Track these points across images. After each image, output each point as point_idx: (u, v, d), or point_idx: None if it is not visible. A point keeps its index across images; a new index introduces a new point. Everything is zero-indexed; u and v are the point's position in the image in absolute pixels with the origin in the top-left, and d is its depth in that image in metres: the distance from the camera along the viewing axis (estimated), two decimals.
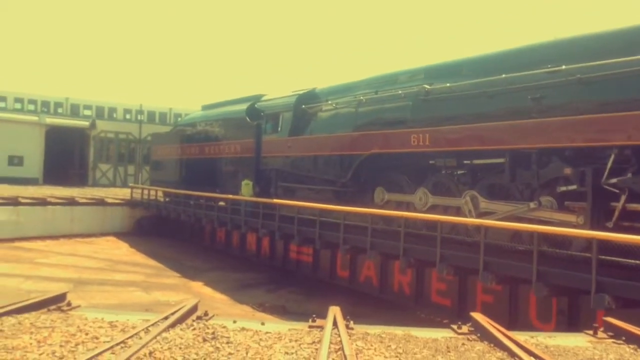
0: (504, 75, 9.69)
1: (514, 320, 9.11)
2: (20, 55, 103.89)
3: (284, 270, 15.85)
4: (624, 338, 5.66)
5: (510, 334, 5.53)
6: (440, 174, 11.58)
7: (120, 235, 22.62)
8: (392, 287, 11.89)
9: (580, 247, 8.40)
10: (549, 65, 9.09)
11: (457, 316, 9.51)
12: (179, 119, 36.70)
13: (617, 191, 7.99)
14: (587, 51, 8.78)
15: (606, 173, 8.09)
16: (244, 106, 18.65)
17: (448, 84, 10.85)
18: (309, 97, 15.58)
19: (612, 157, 8.03)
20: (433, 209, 11.38)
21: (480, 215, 10.18)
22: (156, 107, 47.36)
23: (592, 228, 7.96)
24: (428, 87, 11.29)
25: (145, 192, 24.10)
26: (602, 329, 6.00)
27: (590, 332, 5.97)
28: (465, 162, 10.86)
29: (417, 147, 11.19)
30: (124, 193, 25.80)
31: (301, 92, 16.02)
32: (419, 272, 11.00)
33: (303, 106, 15.34)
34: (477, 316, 6.00)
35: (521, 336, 5.66)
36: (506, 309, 9.25)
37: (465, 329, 5.87)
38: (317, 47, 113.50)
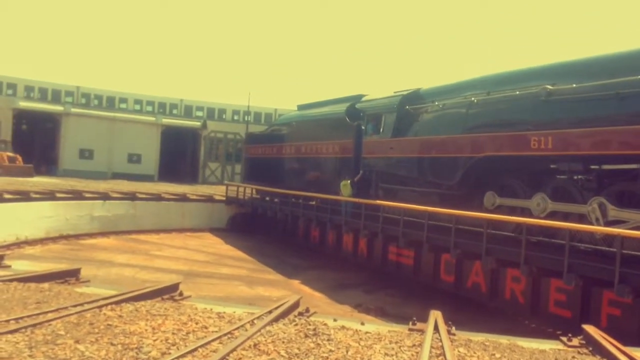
0: (638, 77, 9.06)
1: None
2: (141, 59, 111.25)
3: (382, 271, 15.74)
4: None
5: (627, 349, 5.19)
6: (560, 179, 11.03)
7: (218, 230, 23.60)
8: (503, 294, 11.44)
9: None
10: None
11: (579, 329, 9.00)
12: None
13: None
14: None
15: None
16: (343, 106, 18.62)
17: (574, 85, 10.27)
18: (413, 98, 15.27)
19: None
20: (551, 216, 10.83)
21: (609, 224, 9.58)
22: (262, 108, 48.85)
23: None
24: (550, 87, 10.75)
25: (241, 189, 24.69)
26: None
27: None
28: (592, 167, 10.26)
29: (538, 150, 10.66)
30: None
31: (405, 92, 15.72)
32: (535, 280, 10.51)
33: (407, 107, 15.06)
34: (590, 329, 5.69)
35: (638, 352, 5.30)
36: (636, 323, 8.67)
37: (576, 341, 5.60)
38: (417, 48, 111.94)
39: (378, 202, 14.78)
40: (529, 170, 11.67)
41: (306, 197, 18.87)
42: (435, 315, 6.06)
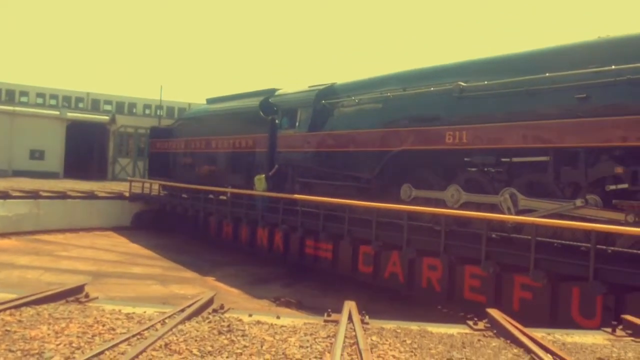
0: (547, 74, 9.68)
1: (555, 316, 9.12)
2: (42, 50, 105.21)
3: (299, 265, 15.81)
4: None
5: (527, 330, 5.49)
6: (472, 171, 11.56)
7: (128, 229, 22.80)
8: (419, 283, 11.82)
9: (627, 245, 8.62)
10: (594, 65, 9.11)
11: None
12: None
13: None
14: (635, 51, 8.81)
15: None
16: (256, 100, 18.46)
17: (486, 82, 10.81)
18: (329, 93, 15.45)
19: None
20: (464, 206, 11.40)
21: (519, 212, 10.23)
22: (175, 102, 47.65)
23: None
24: (463, 84, 11.23)
25: (147, 186, 23.96)
26: (621, 326, 5.92)
27: (609, 329, 5.89)
28: (503, 160, 10.84)
29: (453, 144, 11.17)
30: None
31: (320, 87, 15.87)
32: (450, 268, 10.97)
33: (323, 101, 15.22)
34: (493, 312, 5.97)
35: (538, 333, 5.62)
36: (547, 306, 9.23)
37: (481, 325, 5.85)
38: (319, 44, 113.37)
39: (297, 196, 14.81)
40: (443, 163, 12.14)
41: (218, 192, 18.61)
42: (350, 305, 6.13)
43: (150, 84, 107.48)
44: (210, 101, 23.42)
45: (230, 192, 18.03)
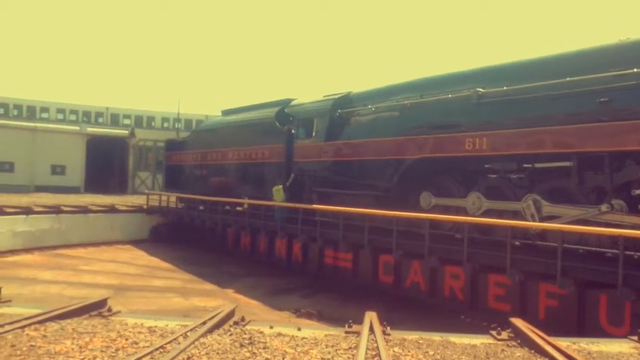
0: (568, 78, 9.59)
1: (582, 325, 9.01)
2: (62, 66, 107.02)
3: (319, 276, 15.75)
4: None
5: (552, 339, 5.41)
6: (494, 178, 11.50)
7: (149, 242, 23.00)
8: (442, 292, 11.72)
9: None
10: (615, 69, 9.02)
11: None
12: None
13: None
14: None
15: None
16: (272, 111, 18.47)
17: (505, 87, 10.72)
18: (345, 102, 15.44)
19: None
20: (486, 214, 11.32)
21: (543, 219, 10.12)
22: (193, 115, 48.06)
23: None
24: (482, 90, 11.17)
25: (164, 198, 23.95)
26: None
27: (635, 337, 5.80)
28: (525, 165, 10.76)
29: (473, 151, 11.07)
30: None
31: (336, 96, 15.86)
32: (473, 276, 10.85)
33: (339, 111, 15.21)
34: (517, 322, 5.90)
35: (563, 342, 5.54)
36: (574, 314, 9.12)
37: (505, 334, 5.78)
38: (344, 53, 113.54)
39: (315, 206, 14.78)
40: (463, 170, 12.07)
41: (236, 203, 18.59)
42: (370, 316, 6.10)
43: (168, 97, 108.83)
44: (225, 113, 23.47)
45: (249, 204, 18.04)
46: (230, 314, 6.34)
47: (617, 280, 7.99)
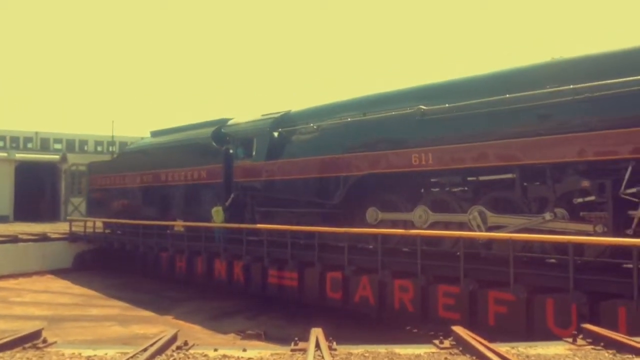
0: (507, 95, 10.11)
1: (531, 329, 9.35)
2: None
3: (263, 296, 15.57)
4: (602, 344, 5.78)
5: (493, 345, 5.55)
6: (439, 191, 11.88)
7: (82, 270, 21.95)
8: (392, 305, 11.86)
9: (595, 254, 9.09)
10: (550, 85, 9.61)
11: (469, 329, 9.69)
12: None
13: (636, 200, 8.61)
14: (589, 71, 9.41)
15: (624, 184, 8.67)
16: (207, 131, 18.21)
17: (447, 105, 11.14)
18: (285, 120, 15.50)
19: (630, 169, 8.61)
20: (432, 226, 11.68)
21: (489, 229, 10.58)
22: (128, 138, 46.82)
23: (614, 235, 8.60)
24: (424, 107, 11.53)
25: (89, 224, 22.89)
26: (581, 335, 6.04)
27: (570, 339, 6.00)
28: (470, 179, 11.23)
29: (419, 166, 11.44)
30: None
31: (275, 115, 15.89)
32: (423, 288, 11.07)
33: (280, 129, 15.26)
34: (458, 330, 6.02)
35: (503, 347, 5.69)
36: (523, 319, 9.46)
37: (447, 343, 5.90)
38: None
39: (261, 225, 14.69)
40: (409, 185, 12.41)
41: (171, 226, 18.22)
42: (317, 332, 6.06)
43: (101, 120, 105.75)
44: (155, 134, 22.82)
45: (187, 226, 17.67)
46: (173, 339, 6.14)
47: (567, 285, 8.50)
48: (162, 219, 19.14)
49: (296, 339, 6.00)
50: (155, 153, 20.93)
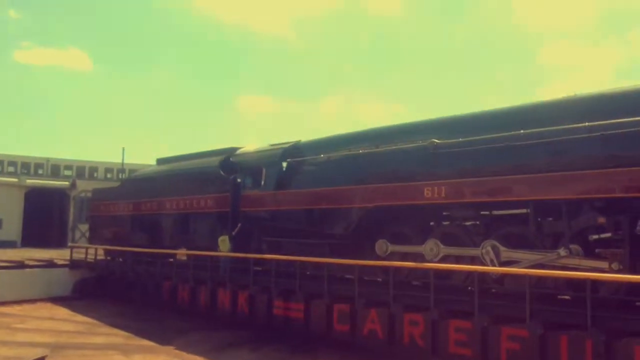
0: (522, 131, 10.20)
1: None
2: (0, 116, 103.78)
3: (269, 327, 15.28)
4: None
5: None
6: (450, 225, 11.88)
7: (86, 298, 21.65)
8: (401, 339, 11.67)
9: (611, 291, 9.06)
10: (566, 122, 9.69)
11: None
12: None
13: None
14: (605, 108, 9.50)
15: None
16: (215, 159, 18.19)
17: (460, 139, 11.23)
18: (295, 151, 15.55)
19: None
20: (442, 260, 11.61)
21: (502, 264, 10.52)
22: (138, 165, 47.10)
23: (631, 273, 8.54)
24: (437, 141, 11.59)
25: (91, 252, 22.61)
26: None
27: None
28: (483, 213, 11.24)
29: (432, 199, 11.42)
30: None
31: (285, 145, 15.96)
32: (433, 322, 10.92)
33: (289, 160, 15.29)
34: None
35: None
36: (536, 356, 9.31)
37: None
38: None
39: (270, 256, 14.55)
40: (420, 218, 12.40)
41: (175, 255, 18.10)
42: None
43: (112, 147, 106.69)
44: (161, 161, 22.74)
45: (193, 255, 17.52)
46: None
47: (582, 322, 8.42)
48: (166, 247, 18.96)
49: None
50: (162, 181, 20.82)
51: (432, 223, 12.31)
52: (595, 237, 9.30)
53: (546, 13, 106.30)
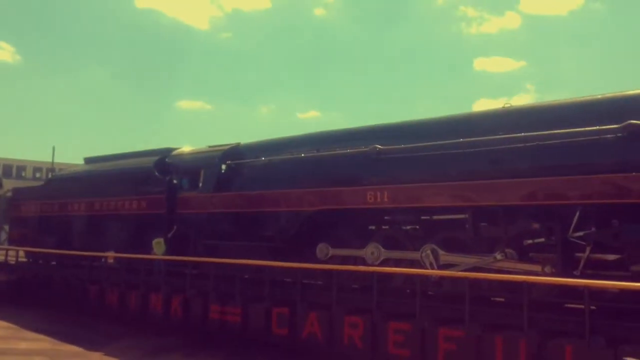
0: (461, 140, 10.62)
1: None
2: None
3: (204, 331, 15.02)
4: None
5: None
6: (391, 229, 12.15)
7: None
8: (340, 341, 11.73)
9: (543, 293, 9.57)
10: (502, 132, 10.20)
11: None
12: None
13: (582, 243, 9.10)
14: (537, 120, 10.10)
15: (572, 227, 9.17)
16: (150, 160, 17.75)
17: (402, 145, 11.56)
18: (235, 153, 15.43)
19: (578, 213, 9.16)
20: (383, 263, 11.86)
21: (440, 267, 10.88)
22: (69, 165, 45.07)
23: (562, 276, 9.03)
24: (379, 147, 11.84)
25: (12, 253, 21.56)
26: None
27: None
28: (423, 217, 11.54)
29: (374, 203, 11.64)
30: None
31: (224, 147, 15.79)
32: (373, 324, 11.08)
33: (229, 162, 15.15)
34: None
35: None
36: (472, 356, 9.59)
37: None
38: None
39: (209, 259, 14.27)
40: (361, 222, 12.61)
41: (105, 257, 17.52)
42: None
43: (42, 146, 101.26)
44: (89, 160, 21.90)
45: (125, 258, 16.98)
46: None
47: (521, 322, 8.79)
48: (95, 249, 18.18)
49: None
50: (90, 181, 20.01)
51: (373, 227, 12.53)
52: (530, 241, 9.77)
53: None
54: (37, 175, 45.88)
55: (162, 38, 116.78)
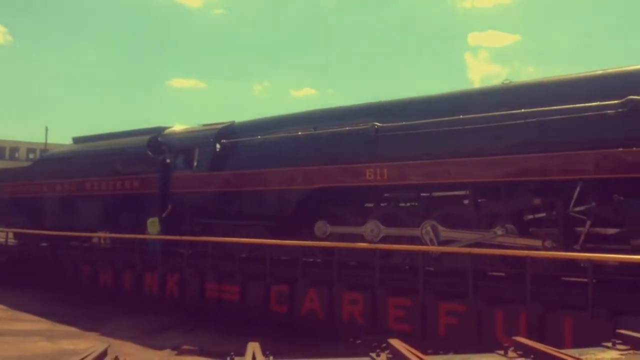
0: (461, 116, 10.62)
1: (481, 338, 9.62)
2: None
3: (201, 310, 15.05)
4: (532, 356, 5.89)
5: (428, 357, 5.61)
6: (390, 206, 12.16)
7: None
8: (340, 317, 11.84)
9: (542, 267, 9.61)
10: (503, 108, 10.20)
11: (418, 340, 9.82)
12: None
13: (583, 217, 9.21)
14: (537, 96, 10.12)
15: (573, 202, 9.29)
16: (142, 139, 17.49)
17: (403, 122, 11.49)
18: (229, 132, 15.30)
19: (578, 188, 9.24)
20: (382, 240, 11.89)
21: (441, 243, 10.96)
22: (63, 145, 44.49)
23: (563, 250, 9.19)
24: (378, 124, 11.80)
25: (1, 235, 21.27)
26: (512, 348, 6.22)
27: (502, 352, 6.18)
28: (423, 194, 11.59)
29: (374, 181, 11.66)
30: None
31: (219, 125, 15.65)
32: (373, 300, 11.18)
33: (224, 140, 15.02)
34: (395, 342, 6.04)
35: (440, 359, 5.78)
36: (473, 329, 9.73)
37: (383, 356, 5.88)
38: None
39: (206, 238, 14.25)
40: (360, 199, 12.62)
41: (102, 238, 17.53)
42: (253, 347, 5.92)
43: (35, 126, 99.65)
44: (78, 140, 21.54)
45: (119, 238, 16.89)
46: (102, 354, 5.76)
47: (524, 296, 8.91)
48: (88, 229, 18.12)
49: (232, 353, 5.82)
50: (80, 161, 19.70)
51: (371, 205, 12.55)
52: (530, 217, 9.88)
53: None
54: (31, 156, 45.13)
55: (154, 15, 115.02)
